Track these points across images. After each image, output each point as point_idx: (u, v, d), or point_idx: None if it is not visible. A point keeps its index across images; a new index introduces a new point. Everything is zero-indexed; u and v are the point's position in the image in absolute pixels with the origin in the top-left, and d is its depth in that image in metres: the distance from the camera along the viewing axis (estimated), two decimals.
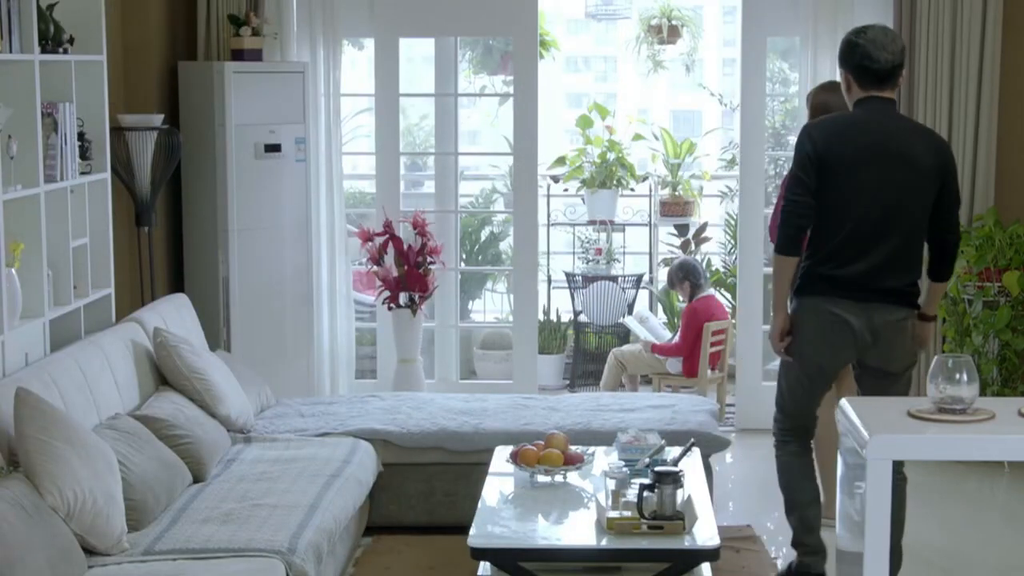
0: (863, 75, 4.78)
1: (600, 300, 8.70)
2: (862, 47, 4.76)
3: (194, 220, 6.92)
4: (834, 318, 4.80)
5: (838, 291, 4.79)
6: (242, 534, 4.46)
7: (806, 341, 4.89)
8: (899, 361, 4.86)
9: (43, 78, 5.13)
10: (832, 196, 4.76)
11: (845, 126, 4.83)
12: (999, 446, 3.69)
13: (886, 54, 4.74)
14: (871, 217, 4.74)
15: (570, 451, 5.11)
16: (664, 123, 11.13)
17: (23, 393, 4.28)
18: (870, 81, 4.78)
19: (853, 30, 4.89)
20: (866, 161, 4.74)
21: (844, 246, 4.76)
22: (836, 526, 4.11)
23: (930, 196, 4.78)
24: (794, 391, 5.04)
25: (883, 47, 4.74)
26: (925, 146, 4.80)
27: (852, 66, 4.80)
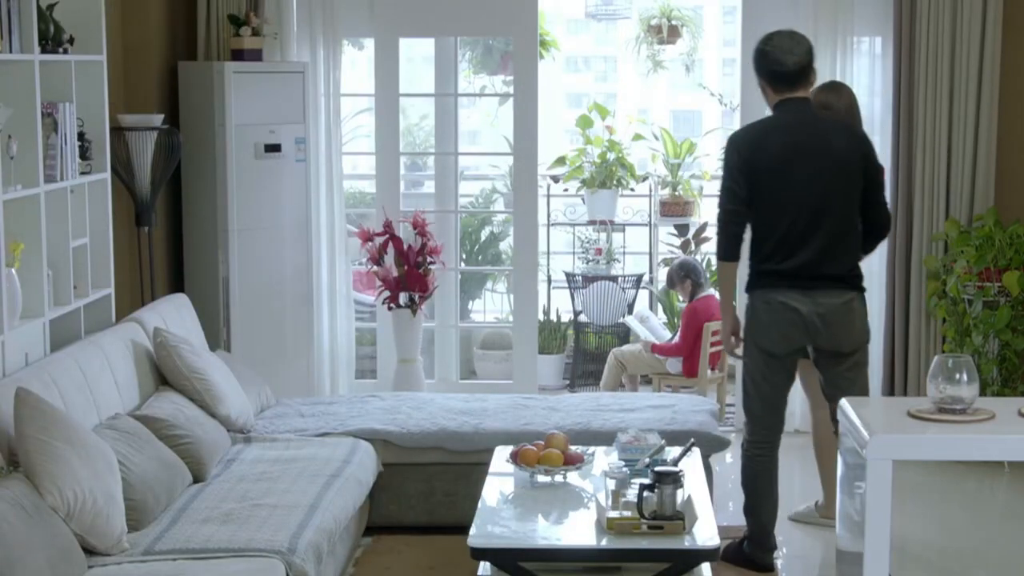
0: (775, 79, 5.11)
1: (600, 300, 8.70)
2: (770, 53, 5.08)
3: (194, 220, 6.92)
4: (783, 306, 5.09)
5: (784, 282, 5.09)
6: (242, 534, 4.46)
7: (758, 331, 5.18)
8: (849, 341, 5.16)
9: (43, 78, 5.13)
10: (765, 199, 5.09)
11: (767, 131, 5.15)
12: (999, 446, 3.69)
13: (793, 57, 5.06)
14: (803, 213, 5.05)
15: (570, 451, 5.11)
16: (664, 123, 11.13)
17: (23, 393, 4.28)
18: (783, 84, 5.10)
19: (762, 38, 5.18)
20: (791, 161, 5.06)
21: (782, 243, 5.07)
22: (836, 526, 4.11)
23: (856, 185, 5.13)
24: (759, 387, 5.24)
25: (789, 51, 5.06)
26: (842, 138, 5.15)
27: (764, 72, 5.12)
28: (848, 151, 5.12)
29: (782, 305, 5.09)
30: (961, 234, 6.80)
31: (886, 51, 7.13)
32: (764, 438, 5.30)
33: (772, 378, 5.23)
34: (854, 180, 5.12)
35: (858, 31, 7.20)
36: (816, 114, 5.26)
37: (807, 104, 5.16)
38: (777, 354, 5.17)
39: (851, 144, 5.16)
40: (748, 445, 5.33)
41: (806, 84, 5.15)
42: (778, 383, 5.25)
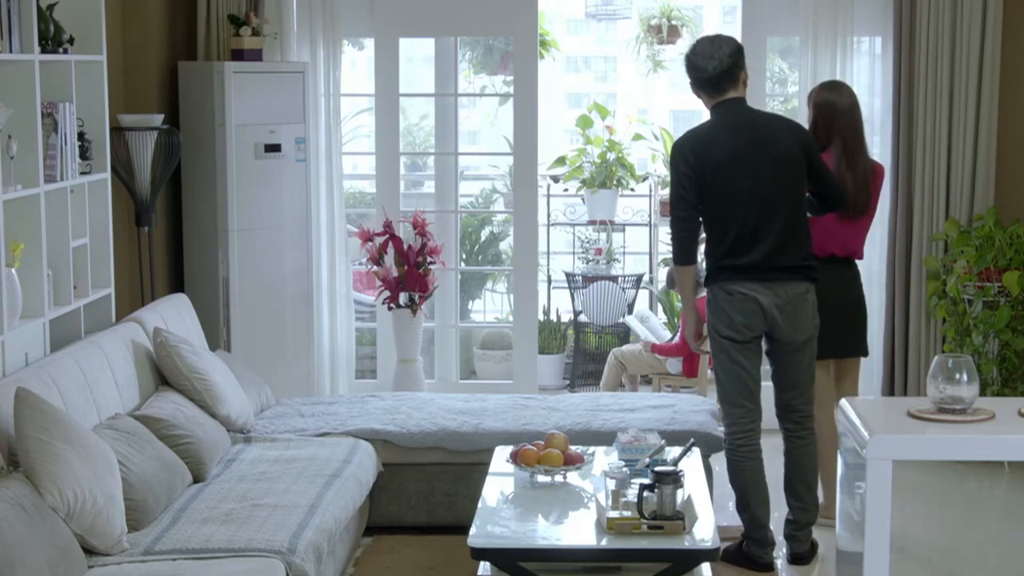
0: (700, 85, 5.25)
1: (600, 300, 8.70)
2: (692, 60, 5.23)
3: (194, 220, 6.92)
4: (743, 296, 5.20)
5: (742, 274, 5.20)
6: (242, 534, 4.46)
7: (721, 319, 5.26)
8: (804, 331, 5.28)
9: (43, 78, 5.13)
10: (716, 200, 5.19)
11: (710, 134, 5.24)
12: (999, 446, 3.69)
13: (713, 62, 5.17)
14: (754, 210, 5.16)
15: (570, 451, 5.11)
16: (664, 123, 11.12)
17: (23, 393, 4.28)
18: (708, 88, 5.24)
19: (689, 47, 5.33)
20: (737, 160, 5.16)
21: (737, 241, 5.18)
22: (836, 526, 4.11)
23: (801, 175, 5.25)
24: (729, 372, 5.27)
25: (709, 56, 5.17)
26: (783, 133, 5.27)
27: (690, 79, 5.27)
28: (790, 145, 5.24)
29: (743, 295, 5.19)
30: (961, 234, 6.80)
31: (886, 51, 7.13)
32: (743, 427, 5.30)
33: (742, 360, 5.25)
34: (799, 172, 5.25)
35: (858, 31, 7.20)
36: (754, 112, 5.35)
37: (742, 104, 5.26)
38: (740, 340, 5.23)
39: (791, 137, 5.27)
40: (731, 437, 5.34)
41: (734, 85, 5.23)
42: (750, 366, 5.28)
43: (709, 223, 5.25)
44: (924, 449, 3.76)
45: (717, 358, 5.34)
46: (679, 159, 5.20)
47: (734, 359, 5.26)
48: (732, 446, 5.34)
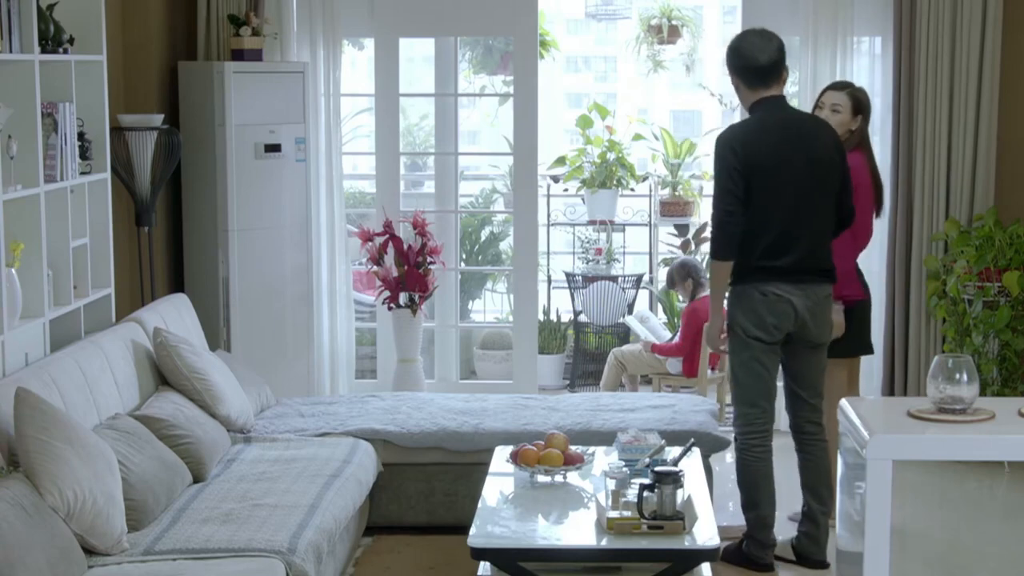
0: (749, 76, 5.17)
1: (600, 300, 8.70)
2: (743, 50, 5.17)
3: (194, 220, 6.92)
4: (777, 298, 5.17)
5: (776, 276, 5.17)
6: (242, 534, 4.46)
7: (748, 319, 5.21)
8: (827, 332, 5.33)
9: (43, 78, 5.13)
10: (759, 198, 5.12)
11: (756, 131, 5.17)
12: (999, 446, 3.69)
13: (765, 54, 5.13)
14: (794, 212, 5.15)
15: (570, 451, 5.11)
16: (664, 123, 11.13)
17: (23, 393, 4.28)
18: (757, 81, 5.16)
19: (734, 37, 5.29)
20: (781, 160, 5.13)
21: (775, 242, 5.14)
22: (836, 526, 4.11)
23: (835, 178, 5.25)
24: (754, 372, 5.25)
25: (762, 48, 5.14)
26: (823, 134, 5.27)
27: (738, 69, 5.19)
28: (828, 146, 5.24)
29: (777, 297, 5.16)
30: (961, 234, 6.80)
31: (886, 51, 7.13)
32: (759, 428, 5.29)
33: (767, 362, 5.25)
34: (834, 175, 5.24)
35: (858, 31, 7.20)
36: (794, 111, 5.36)
37: (784, 101, 5.25)
38: (769, 341, 5.21)
39: (828, 139, 5.27)
40: (744, 437, 5.31)
41: (779, 82, 5.21)
42: (771, 367, 5.28)
43: (750, 220, 5.15)
44: (924, 449, 3.75)
45: (739, 357, 5.29)
46: (727, 152, 5.11)
47: (759, 359, 5.24)
48: (745, 446, 5.32)
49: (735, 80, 5.22)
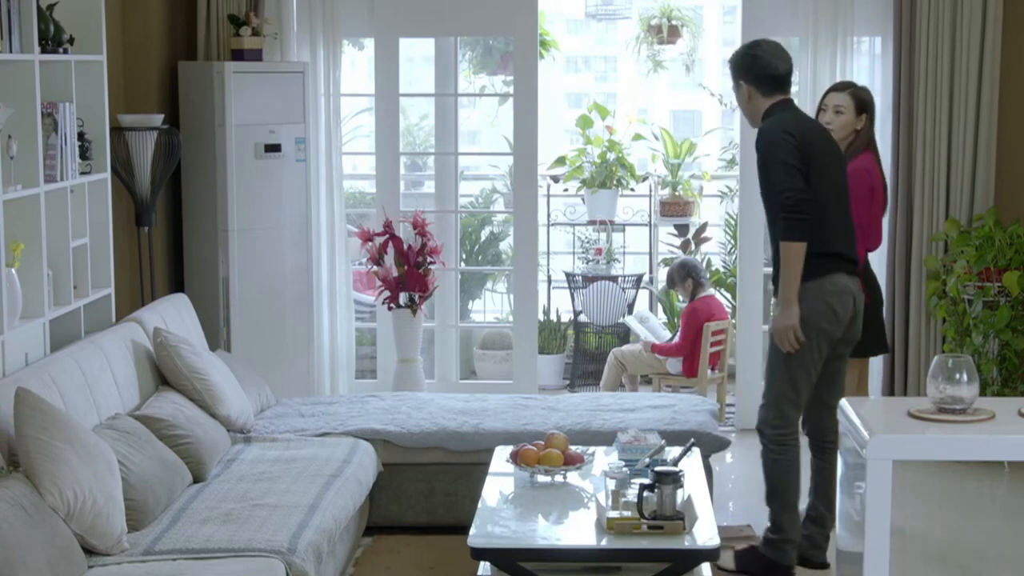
0: (768, 83, 5.16)
1: (600, 300, 8.70)
2: (763, 58, 5.16)
3: (194, 220, 6.92)
4: (846, 289, 5.12)
5: (836, 267, 5.11)
6: (242, 534, 4.46)
7: (819, 312, 5.06)
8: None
9: (43, 78, 5.13)
10: (815, 186, 5.08)
11: (800, 123, 5.18)
12: (999, 446, 3.69)
13: (785, 64, 5.20)
14: (840, 203, 5.19)
15: (570, 451, 5.11)
16: (664, 123, 11.13)
17: (23, 393, 4.27)
18: (775, 88, 5.17)
19: (748, 45, 5.28)
20: (827, 151, 5.20)
21: (833, 232, 5.12)
22: (837, 526, 4.11)
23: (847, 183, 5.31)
24: (810, 375, 5.14)
25: (782, 57, 5.19)
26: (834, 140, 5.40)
27: (757, 76, 5.17)
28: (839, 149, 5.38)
29: (845, 288, 5.11)
30: (961, 234, 6.80)
31: (886, 51, 7.13)
32: (796, 428, 5.25)
33: (822, 364, 5.16)
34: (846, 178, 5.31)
35: (858, 31, 7.20)
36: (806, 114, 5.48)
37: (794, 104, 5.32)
38: (835, 338, 5.14)
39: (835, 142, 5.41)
40: (781, 436, 5.21)
41: (791, 86, 5.29)
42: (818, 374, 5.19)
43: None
44: (924, 449, 3.75)
45: (802, 358, 5.08)
46: (782, 137, 5.02)
47: (818, 363, 5.13)
48: (784, 443, 5.21)
49: (748, 88, 5.17)
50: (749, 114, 5.27)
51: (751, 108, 5.23)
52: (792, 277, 5.01)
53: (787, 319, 5.02)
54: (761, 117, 5.20)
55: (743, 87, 5.20)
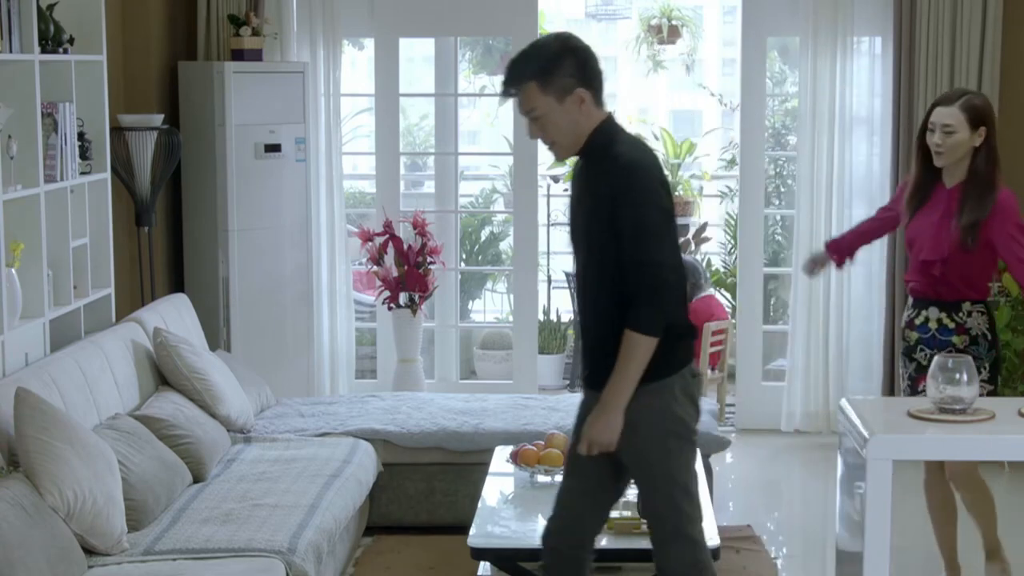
0: (599, 89, 3.80)
1: None
2: (595, 60, 3.80)
3: (194, 220, 6.92)
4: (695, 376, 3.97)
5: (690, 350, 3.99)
6: (242, 534, 4.46)
7: (692, 409, 3.90)
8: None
9: (43, 78, 5.13)
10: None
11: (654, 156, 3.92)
12: (999, 446, 3.69)
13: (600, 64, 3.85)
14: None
15: None
16: (664, 123, 11.14)
17: (23, 393, 4.27)
18: (602, 95, 3.82)
19: (568, 36, 3.84)
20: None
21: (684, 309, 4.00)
22: (836, 526, 4.11)
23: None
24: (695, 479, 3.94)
25: (597, 59, 3.83)
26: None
27: (592, 78, 3.77)
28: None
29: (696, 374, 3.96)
30: None
31: (886, 51, 7.13)
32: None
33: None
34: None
35: (858, 31, 7.20)
36: None
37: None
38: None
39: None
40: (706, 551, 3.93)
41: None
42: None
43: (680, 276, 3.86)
44: (924, 449, 3.76)
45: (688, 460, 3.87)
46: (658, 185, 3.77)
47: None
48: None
49: (582, 92, 3.72)
50: (572, 132, 3.76)
51: (580, 122, 3.75)
52: (634, 378, 3.70)
53: (614, 429, 3.73)
54: (595, 135, 3.78)
55: (576, 93, 3.72)
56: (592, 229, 3.75)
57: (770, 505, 6.63)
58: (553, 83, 3.71)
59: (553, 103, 3.72)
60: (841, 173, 7.22)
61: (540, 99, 3.72)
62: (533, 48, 3.81)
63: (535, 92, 3.72)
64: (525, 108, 3.76)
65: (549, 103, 3.72)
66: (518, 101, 3.78)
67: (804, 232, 7.26)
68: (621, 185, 3.69)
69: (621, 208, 3.67)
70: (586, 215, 3.79)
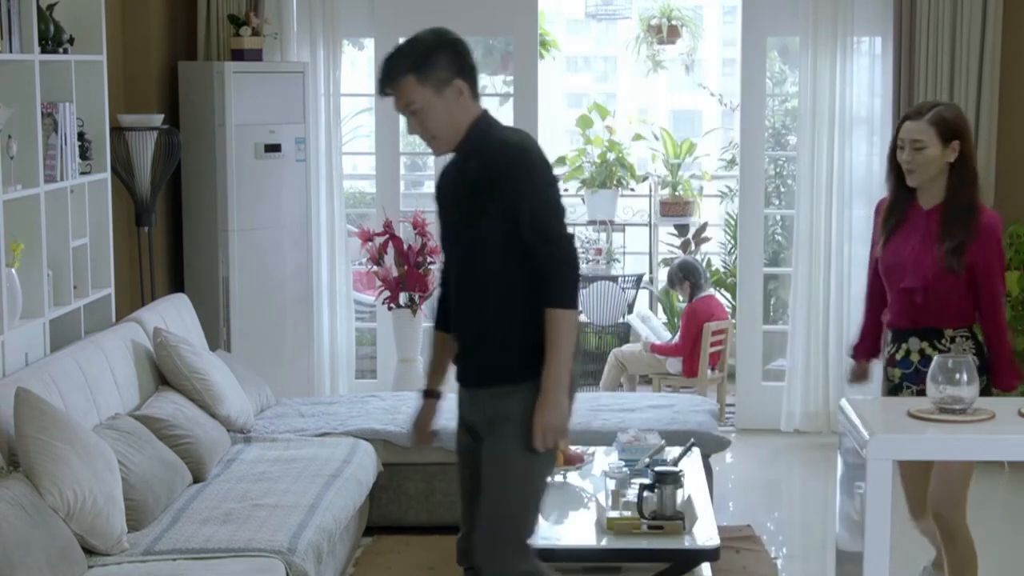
0: (476, 83, 3.80)
1: (600, 300, 8.71)
2: (470, 53, 3.83)
3: (194, 220, 6.92)
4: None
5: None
6: (242, 534, 4.46)
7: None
8: None
9: (43, 78, 5.13)
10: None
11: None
12: (999, 446, 3.69)
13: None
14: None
15: (570, 451, 5.11)
16: (664, 123, 11.15)
17: (23, 393, 4.27)
18: (477, 88, 3.81)
19: (443, 31, 3.94)
20: None
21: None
22: (836, 526, 4.11)
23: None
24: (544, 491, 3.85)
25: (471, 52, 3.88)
26: None
27: (470, 71, 3.79)
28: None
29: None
30: None
31: (886, 51, 7.13)
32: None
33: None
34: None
35: (858, 31, 7.20)
36: None
37: None
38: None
39: None
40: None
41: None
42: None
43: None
44: (924, 449, 3.75)
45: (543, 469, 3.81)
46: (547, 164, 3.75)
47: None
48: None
49: (460, 83, 3.72)
50: (452, 124, 3.73)
51: (458, 115, 3.73)
52: (568, 357, 3.67)
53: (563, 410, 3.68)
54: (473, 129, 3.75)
55: (455, 84, 3.72)
56: (475, 220, 3.70)
57: (770, 505, 6.63)
58: (431, 75, 3.70)
59: (431, 95, 3.70)
60: (841, 173, 7.22)
61: (418, 92, 3.69)
62: (408, 43, 3.82)
63: (413, 85, 3.70)
64: (404, 102, 3.72)
65: (427, 95, 3.69)
66: (396, 97, 3.74)
67: (804, 232, 7.26)
68: (513, 168, 3.66)
69: (515, 191, 3.63)
70: (467, 207, 3.72)
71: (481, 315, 3.75)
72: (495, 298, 3.72)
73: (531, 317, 3.67)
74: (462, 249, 3.78)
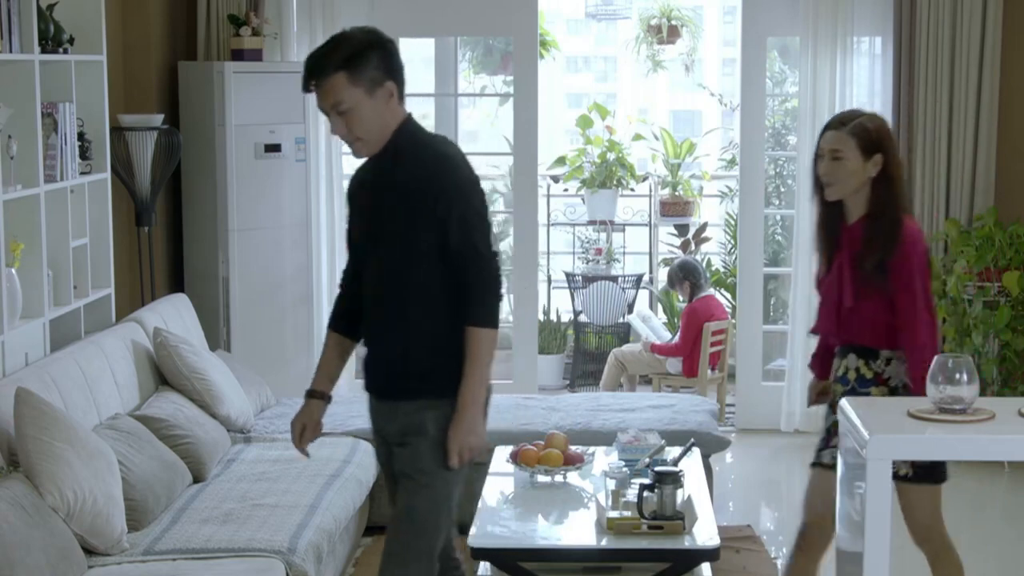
0: (403, 85, 3.71)
1: (600, 300, 8.70)
2: (398, 55, 3.74)
3: (194, 220, 6.92)
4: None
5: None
6: (242, 534, 4.46)
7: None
8: None
9: (43, 78, 5.13)
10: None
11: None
12: (999, 446, 3.69)
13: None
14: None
15: (570, 451, 5.11)
16: (664, 123, 11.14)
17: (23, 393, 4.28)
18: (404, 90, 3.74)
19: (374, 30, 3.84)
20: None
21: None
22: (836, 526, 4.11)
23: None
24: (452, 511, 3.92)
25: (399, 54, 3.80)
26: None
27: (398, 75, 3.70)
28: None
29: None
30: (961, 234, 6.81)
31: (886, 51, 7.13)
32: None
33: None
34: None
35: (858, 31, 7.21)
36: None
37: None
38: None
39: None
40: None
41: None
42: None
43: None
44: (924, 449, 3.75)
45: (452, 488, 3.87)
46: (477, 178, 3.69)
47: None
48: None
49: (391, 85, 3.64)
50: (379, 127, 3.63)
51: (387, 117, 3.64)
52: (485, 378, 3.66)
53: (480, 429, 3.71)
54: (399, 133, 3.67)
55: (386, 86, 3.63)
56: (404, 228, 3.59)
57: (770, 505, 6.63)
58: (363, 75, 3.57)
59: (363, 96, 3.58)
60: None
61: (349, 91, 3.57)
62: (338, 39, 3.66)
63: (343, 84, 3.57)
64: (331, 101, 3.58)
65: (358, 96, 3.57)
66: (321, 95, 3.60)
67: (804, 232, 7.26)
68: (448, 179, 3.58)
69: (448, 202, 3.54)
70: (394, 213, 3.61)
71: (404, 325, 3.68)
72: (418, 309, 3.65)
73: (453, 331, 3.62)
74: (385, 255, 3.66)
